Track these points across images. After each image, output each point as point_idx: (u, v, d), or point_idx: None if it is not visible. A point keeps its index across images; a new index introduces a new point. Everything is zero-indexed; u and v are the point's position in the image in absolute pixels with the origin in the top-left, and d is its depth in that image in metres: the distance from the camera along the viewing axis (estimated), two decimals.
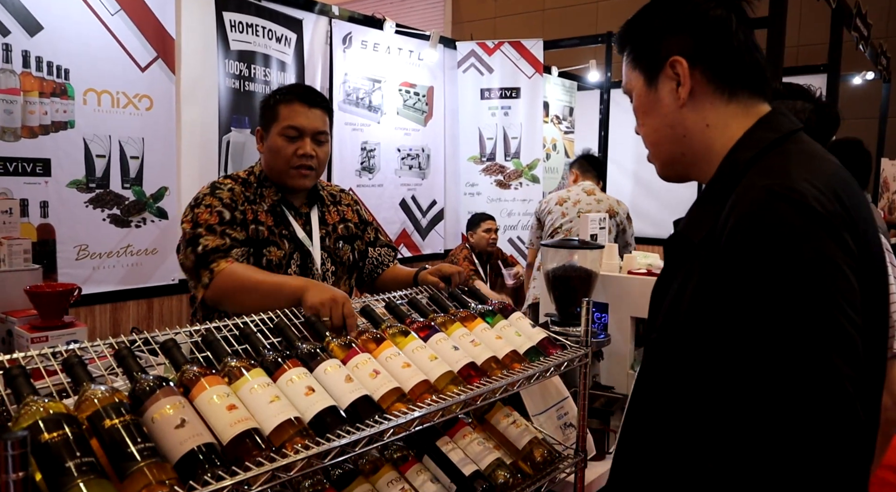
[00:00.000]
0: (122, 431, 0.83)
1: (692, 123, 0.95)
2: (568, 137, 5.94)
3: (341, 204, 1.96)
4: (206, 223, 1.64)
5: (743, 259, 0.78)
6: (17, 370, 0.92)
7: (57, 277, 2.83)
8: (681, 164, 0.99)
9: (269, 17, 3.64)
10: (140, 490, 0.78)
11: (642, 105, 1.00)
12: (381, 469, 1.24)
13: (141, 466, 0.80)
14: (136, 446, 0.82)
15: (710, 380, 0.83)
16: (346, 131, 4.22)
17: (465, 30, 7.00)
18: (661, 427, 0.92)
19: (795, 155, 0.86)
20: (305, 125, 1.74)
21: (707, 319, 0.82)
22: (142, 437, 0.83)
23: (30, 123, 2.81)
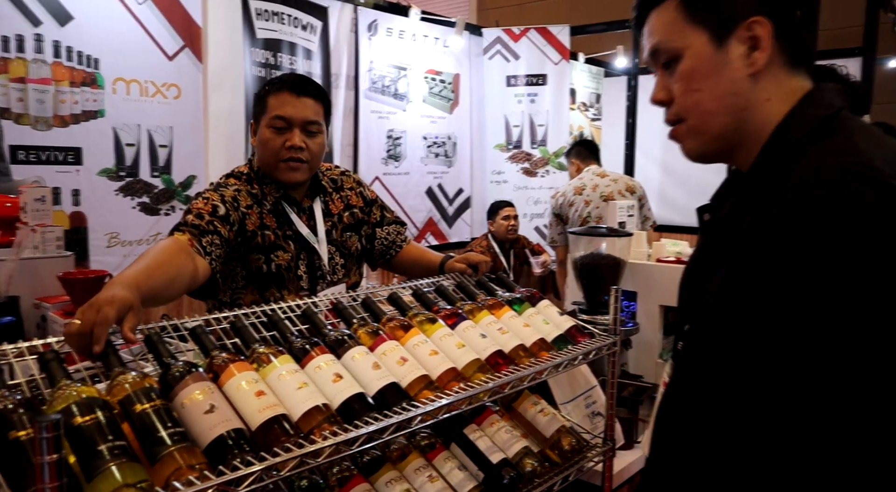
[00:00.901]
0: (153, 415, 0.84)
1: (756, 95, 0.84)
2: (595, 124, 5.86)
3: (344, 189, 1.88)
4: (197, 211, 1.57)
5: (820, 246, 0.69)
6: (51, 355, 0.93)
7: (89, 263, 2.88)
8: (728, 141, 0.87)
9: (294, 5, 3.64)
10: (171, 474, 0.78)
11: (702, 68, 0.85)
12: (408, 456, 1.23)
13: (171, 450, 0.80)
14: (166, 431, 0.82)
15: (772, 376, 0.73)
16: (372, 119, 4.21)
17: (490, 16, 6.93)
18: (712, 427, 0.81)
19: (857, 132, 0.78)
20: (293, 115, 1.65)
21: (770, 310, 0.72)
22: (172, 421, 0.84)
23: (61, 113, 2.85)
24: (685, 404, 0.86)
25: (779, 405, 0.73)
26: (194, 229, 1.51)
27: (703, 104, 0.86)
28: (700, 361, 0.84)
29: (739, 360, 0.76)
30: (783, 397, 0.72)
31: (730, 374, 0.78)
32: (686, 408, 0.86)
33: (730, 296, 0.78)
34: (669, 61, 0.88)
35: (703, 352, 0.83)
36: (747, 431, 0.76)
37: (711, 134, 0.87)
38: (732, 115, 0.85)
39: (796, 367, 0.71)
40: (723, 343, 0.78)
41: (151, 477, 0.78)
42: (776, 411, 0.73)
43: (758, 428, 0.75)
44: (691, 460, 0.84)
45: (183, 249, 1.44)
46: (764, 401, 0.74)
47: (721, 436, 0.79)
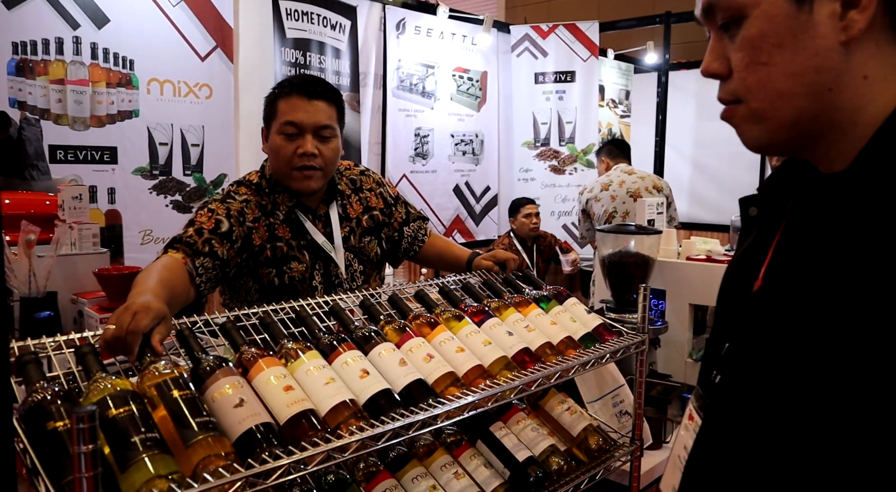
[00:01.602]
0: (183, 403, 0.86)
1: (849, 72, 0.62)
2: (624, 121, 5.81)
3: (363, 190, 1.80)
4: (198, 225, 1.51)
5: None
6: (87, 348, 0.95)
7: (123, 260, 2.94)
8: (802, 131, 0.66)
9: (323, 5, 3.67)
10: (201, 461, 0.80)
11: (774, 32, 0.64)
12: (434, 453, 1.24)
13: (201, 438, 0.82)
14: (196, 419, 0.84)
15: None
16: (400, 117, 4.23)
17: (518, 13, 6.90)
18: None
19: None
20: (304, 120, 1.56)
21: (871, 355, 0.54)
22: (203, 410, 0.86)
23: (98, 113, 2.92)
24: (733, 460, 0.67)
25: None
26: (188, 249, 1.47)
27: (772, 81, 0.65)
28: (754, 402, 0.65)
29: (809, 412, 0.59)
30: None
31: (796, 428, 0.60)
32: (735, 464, 0.66)
33: (810, 344, 0.59)
34: (729, 22, 0.67)
35: (757, 394, 0.64)
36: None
37: (780, 121, 0.66)
38: (813, 99, 0.64)
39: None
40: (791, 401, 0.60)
41: (180, 463, 0.80)
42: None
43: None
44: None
45: (180, 267, 1.43)
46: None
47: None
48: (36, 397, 0.83)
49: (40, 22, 2.76)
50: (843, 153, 0.64)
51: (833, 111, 0.64)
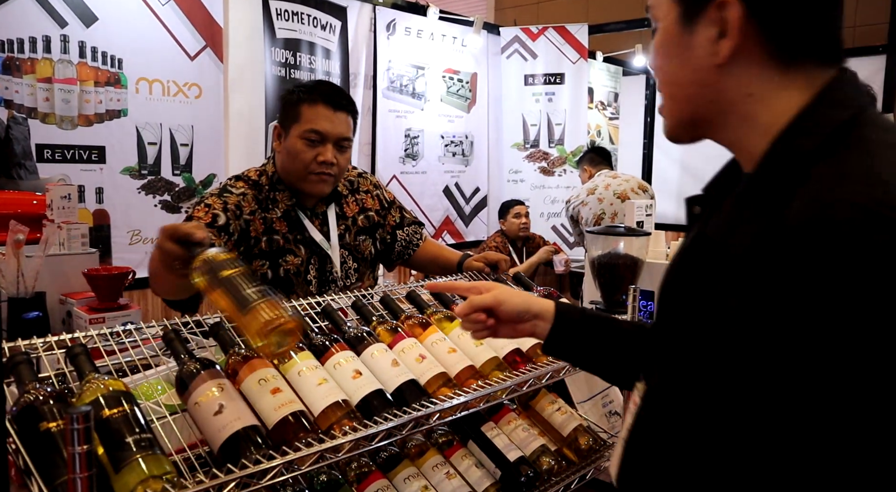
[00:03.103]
0: (238, 279, 0.95)
1: (729, 89, 0.71)
2: (613, 123, 5.84)
3: (359, 191, 1.85)
4: (196, 220, 1.54)
5: (825, 303, 0.58)
6: (79, 349, 0.95)
7: (112, 261, 2.93)
8: (700, 129, 0.76)
9: (313, 5, 3.66)
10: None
11: (666, 46, 0.74)
12: (426, 453, 1.25)
13: (260, 301, 0.92)
14: (252, 289, 0.94)
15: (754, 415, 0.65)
16: (390, 119, 4.23)
17: (507, 15, 6.91)
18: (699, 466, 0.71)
19: (879, 148, 0.64)
20: (329, 130, 1.62)
21: (760, 354, 0.62)
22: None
23: (86, 112, 2.90)
24: (663, 436, 0.76)
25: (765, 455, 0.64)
26: None
27: (665, 87, 0.78)
28: (680, 394, 0.73)
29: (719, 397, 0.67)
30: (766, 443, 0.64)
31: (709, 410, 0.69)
32: (663, 440, 0.75)
33: (711, 333, 0.67)
34: (655, 29, 0.78)
35: (682, 383, 0.73)
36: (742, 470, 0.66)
37: (677, 119, 0.78)
38: (699, 106, 0.74)
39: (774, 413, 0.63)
40: (706, 377, 0.69)
41: (245, 328, 0.92)
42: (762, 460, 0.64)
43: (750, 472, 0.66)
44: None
45: None
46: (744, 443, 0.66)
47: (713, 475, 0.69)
48: (28, 397, 0.83)
49: (27, 20, 2.73)
50: (749, 157, 0.72)
51: (725, 118, 0.73)
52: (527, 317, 1.04)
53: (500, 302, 1.03)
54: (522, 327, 1.05)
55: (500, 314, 1.04)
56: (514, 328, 1.05)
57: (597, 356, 1.06)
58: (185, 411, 0.96)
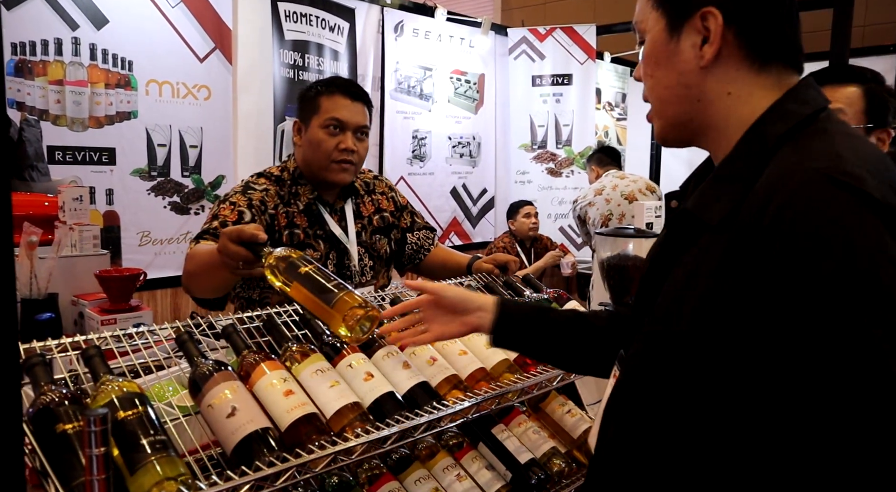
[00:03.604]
0: (315, 275, 1.02)
1: (711, 88, 0.81)
2: (620, 123, 5.83)
3: (375, 192, 1.89)
4: (222, 218, 1.56)
5: (793, 252, 0.65)
6: (94, 351, 0.96)
7: (122, 262, 2.94)
8: (688, 129, 0.85)
9: (322, 7, 3.67)
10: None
11: (655, 54, 0.84)
12: (436, 455, 1.25)
13: (341, 294, 0.99)
14: (331, 283, 1.02)
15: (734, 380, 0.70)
16: (398, 120, 4.24)
17: (513, 16, 6.91)
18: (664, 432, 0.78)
19: (838, 136, 0.74)
20: (348, 118, 1.67)
21: (736, 312, 0.69)
22: (332, 277, 0.95)
23: (96, 114, 2.91)
24: (639, 406, 0.82)
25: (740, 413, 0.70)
26: (217, 238, 1.47)
27: (656, 90, 0.86)
28: (657, 363, 0.80)
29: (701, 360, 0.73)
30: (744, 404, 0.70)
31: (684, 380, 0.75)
32: (639, 410, 0.82)
33: (691, 299, 0.74)
34: (642, 41, 0.87)
35: (660, 353, 0.79)
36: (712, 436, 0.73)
37: (667, 120, 0.86)
38: (685, 106, 0.83)
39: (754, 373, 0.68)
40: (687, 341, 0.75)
41: (328, 321, 0.99)
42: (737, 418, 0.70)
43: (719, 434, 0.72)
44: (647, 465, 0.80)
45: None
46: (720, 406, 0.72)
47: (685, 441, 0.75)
48: (44, 399, 0.84)
49: (39, 22, 2.75)
50: (723, 151, 0.81)
51: (705, 117, 0.83)
52: (471, 307, 1.09)
53: (441, 289, 1.10)
54: (469, 319, 1.09)
55: (443, 303, 1.09)
56: (461, 322, 1.09)
57: (544, 345, 1.11)
58: (199, 413, 0.96)
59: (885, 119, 1.62)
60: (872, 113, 1.61)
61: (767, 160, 0.74)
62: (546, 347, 1.11)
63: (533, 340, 1.10)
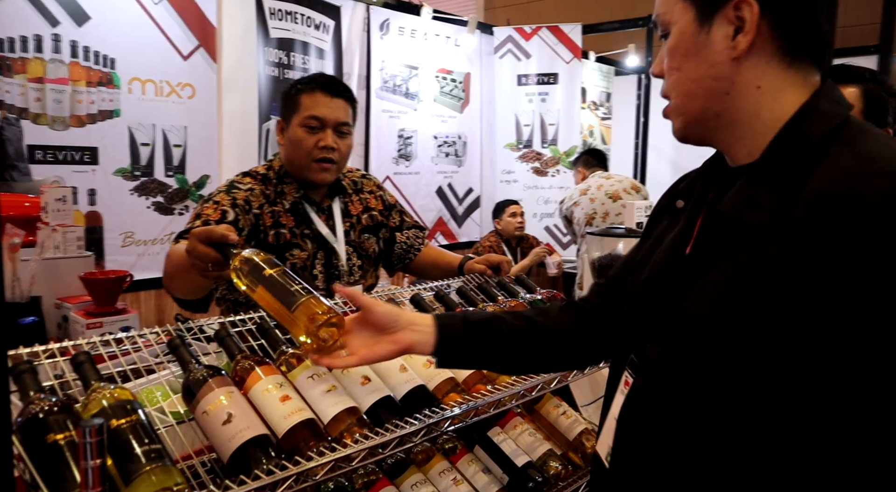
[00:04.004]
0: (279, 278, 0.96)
1: (741, 81, 0.78)
2: (605, 123, 5.84)
3: (363, 191, 1.87)
4: (205, 218, 1.53)
5: (870, 261, 0.64)
6: (84, 357, 0.93)
7: (105, 263, 2.89)
8: (711, 125, 0.82)
9: (307, 5, 3.64)
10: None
11: (683, 46, 0.80)
12: (432, 459, 1.24)
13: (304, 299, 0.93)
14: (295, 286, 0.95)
15: (800, 390, 0.68)
16: (384, 119, 4.21)
17: (497, 15, 6.91)
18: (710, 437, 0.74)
19: (880, 137, 0.73)
20: (327, 115, 1.65)
21: (809, 319, 0.66)
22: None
23: (78, 112, 2.86)
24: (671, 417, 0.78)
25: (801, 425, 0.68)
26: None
27: (682, 85, 0.82)
28: (694, 371, 0.75)
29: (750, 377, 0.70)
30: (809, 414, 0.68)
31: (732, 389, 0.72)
32: (672, 421, 0.78)
33: (736, 305, 0.71)
34: (664, 34, 0.84)
35: (700, 356, 0.75)
36: (767, 448, 0.70)
37: (691, 116, 0.83)
38: (712, 100, 0.80)
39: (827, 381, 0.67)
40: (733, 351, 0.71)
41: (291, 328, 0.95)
42: (803, 429, 0.68)
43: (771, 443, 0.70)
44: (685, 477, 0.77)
45: None
46: (781, 415, 0.69)
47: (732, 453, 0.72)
48: (33, 408, 0.81)
49: (18, 19, 2.69)
50: (748, 149, 0.79)
51: (733, 111, 0.79)
52: (401, 323, 0.95)
53: (370, 304, 0.95)
54: (401, 336, 0.94)
55: (371, 318, 0.95)
56: (391, 341, 0.94)
57: (495, 361, 1.03)
58: (192, 419, 0.94)
59: (883, 119, 1.63)
60: (871, 113, 1.62)
61: (814, 161, 0.72)
62: (495, 359, 1.03)
63: (482, 358, 1.02)
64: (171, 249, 1.43)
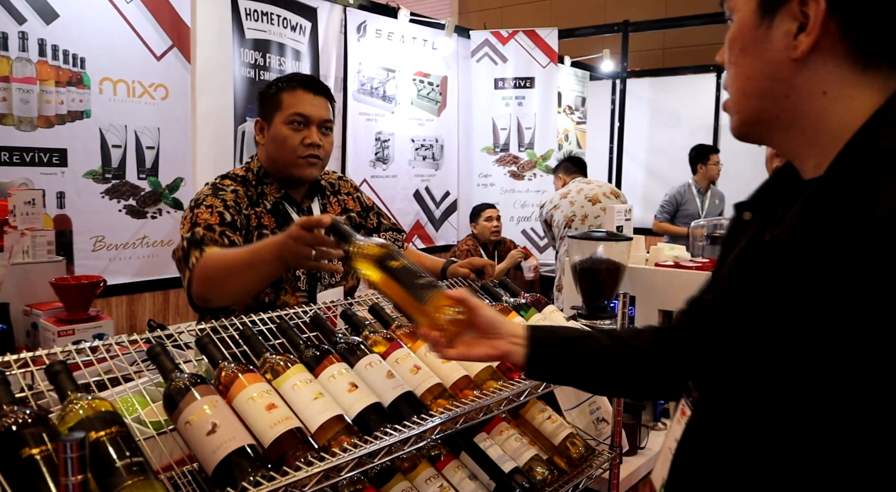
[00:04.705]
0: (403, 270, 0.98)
1: (803, 85, 0.69)
2: (580, 127, 5.89)
3: (341, 193, 1.87)
4: (205, 222, 1.53)
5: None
6: (59, 366, 0.89)
7: (74, 268, 2.81)
8: (770, 128, 0.74)
9: (283, 6, 3.60)
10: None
11: (741, 38, 0.73)
12: (418, 466, 1.21)
13: (434, 292, 0.96)
14: (421, 280, 0.98)
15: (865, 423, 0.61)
16: (361, 121, 4.18)
17: (472, 19, 6.92)
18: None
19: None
20: (312, 113, 1.65)
21: (864, 359, 0.60)
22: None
23: (46, 113, 2.78)
24: (725, 453, 0.72)
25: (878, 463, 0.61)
26: (214, 244, 1.50)
27: (738, 80, 0.75)
28: (749, 408, 0.69)
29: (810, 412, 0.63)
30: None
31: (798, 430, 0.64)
32: (726, 457, 0.72)
33: (792, 342, 0.65)
34: (729, 20, 0.76)
35: (753, 398, 0.69)
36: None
37: (747, 116, 0.75)
38: (769, 102, 0.72)
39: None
40: (785, 396, 0.65)
41: (420, 318, 0.97)
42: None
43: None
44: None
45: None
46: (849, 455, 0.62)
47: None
48: (7, 420, 0.77)
49: None
50: (815, 161, 0.71)
51: (794, 117, 0.71)
52: (501, 332, 0.99)
53: (477, 307, 0.98)
54: (499, 344, 0.98)
55: (476, 321, 0.98)
56: (489, 345, 0.98)
57: (581, 376, 1.03)
58: (173, 429, 0.91)
59: None
60: None
61: (884, 182, 0.62)
62: (584, 377, 1.03)
63: (569, 373, 1.02)
64: (209, 258, 1.43)
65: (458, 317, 0.97)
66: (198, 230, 1.51)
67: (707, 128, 5.96)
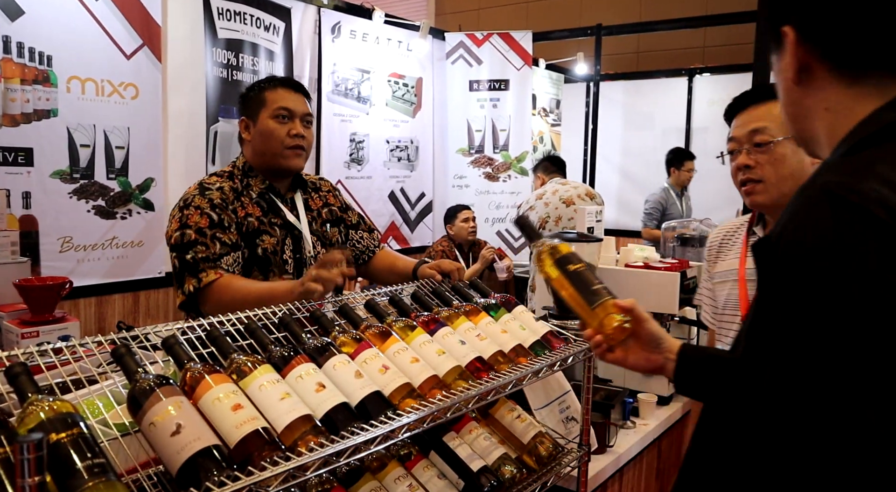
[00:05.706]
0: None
1: (810, 105, 0.78)
2: (555, 129, 5.93)
3: (321, 191, 2.00)
4: (195, 226, 1.64)
5: (779, 274, 0.66)
6: (20, 368, 0.88)
7: (40, 270, 2.76)
8: (808, 145, 0.83)
9: (256, 5, 3.58)
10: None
11: (776, 73, 0.83)
12: (387, 466, 1.22)
13: (606, 299, 1.03)
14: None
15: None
16: (335, 122, 4.17)
17: (448, 21, 6.94)
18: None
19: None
20: (295, 107, 1.79)
21: (769, 338, 0.68)
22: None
23: (11, 111, 2.73)
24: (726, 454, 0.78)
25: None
26: (211, 263, 1.62)
27: (782, 107, 0.84)
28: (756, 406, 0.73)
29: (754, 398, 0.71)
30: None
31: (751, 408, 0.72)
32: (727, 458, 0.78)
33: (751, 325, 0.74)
34: None
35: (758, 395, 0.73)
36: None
37: (794, 137, 0.86)
38: (798, 123, 0.82)
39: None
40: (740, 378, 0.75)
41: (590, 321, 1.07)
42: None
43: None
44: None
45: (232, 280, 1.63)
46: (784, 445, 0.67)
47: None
48: None
49: None
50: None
51: (815, 133, 0.80)
52: (662, 347, 1.08)
53: (643, 319, 1.07)
54: (655, 358, 1.08)
55: (640, 332, 1.08)
56: (646, 357, 1.08)
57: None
58: (137, 431, 0.90)
59: None
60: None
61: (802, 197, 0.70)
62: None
63: (714, 389, 1.03)
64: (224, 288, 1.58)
65: (624, 325, 1.04)
66: (188, 232, 1.61)
67: (679, 130, 6.05)
